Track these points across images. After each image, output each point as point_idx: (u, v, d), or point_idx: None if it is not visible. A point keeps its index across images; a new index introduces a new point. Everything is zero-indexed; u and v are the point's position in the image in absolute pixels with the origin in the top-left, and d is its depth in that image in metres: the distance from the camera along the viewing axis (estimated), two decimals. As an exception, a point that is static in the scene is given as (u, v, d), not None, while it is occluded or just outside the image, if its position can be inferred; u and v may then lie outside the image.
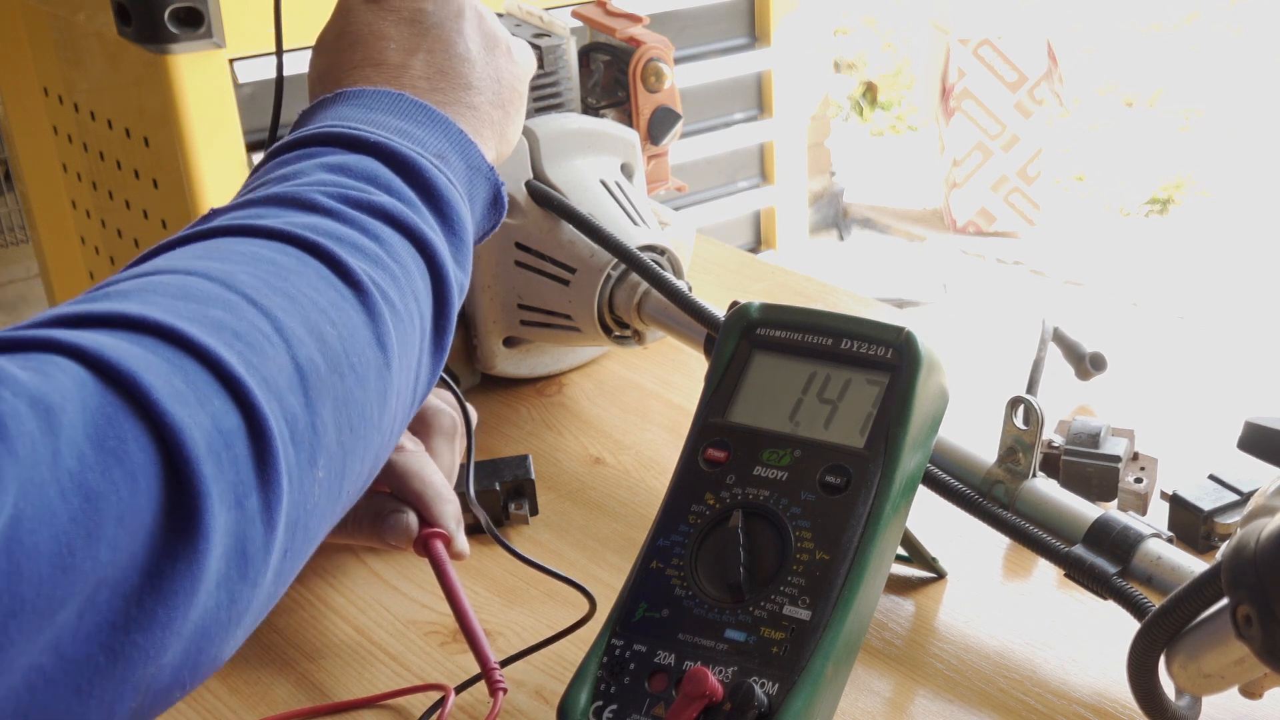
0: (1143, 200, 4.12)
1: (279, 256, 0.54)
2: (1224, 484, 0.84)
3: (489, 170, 0.68)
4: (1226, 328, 3.39)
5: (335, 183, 0.59)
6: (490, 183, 0.68)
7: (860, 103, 4.98)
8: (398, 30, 0.71)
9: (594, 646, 0.67)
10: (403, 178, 0.61)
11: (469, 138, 0.67)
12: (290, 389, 0.50)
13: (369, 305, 0.55)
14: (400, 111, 0.66)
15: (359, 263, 0.56)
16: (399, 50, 0.70)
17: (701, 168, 2.64)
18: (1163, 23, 5.33)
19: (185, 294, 0.50)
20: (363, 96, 0.66)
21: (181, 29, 1.85)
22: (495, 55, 0.73)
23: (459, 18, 0.72)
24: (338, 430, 0.52)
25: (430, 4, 0.72)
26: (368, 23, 0.71)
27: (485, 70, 0.72)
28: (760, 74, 2.66)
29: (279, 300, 0.52)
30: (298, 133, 0.64)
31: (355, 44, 0.71)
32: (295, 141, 0.63)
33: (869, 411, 0.70)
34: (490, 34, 0.74)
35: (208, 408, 0.46)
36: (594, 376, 1.09)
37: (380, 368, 0.55)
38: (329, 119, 0.65)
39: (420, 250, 0.60)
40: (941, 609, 0.81)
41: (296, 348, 0.51)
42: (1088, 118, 4.72)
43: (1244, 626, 0.56)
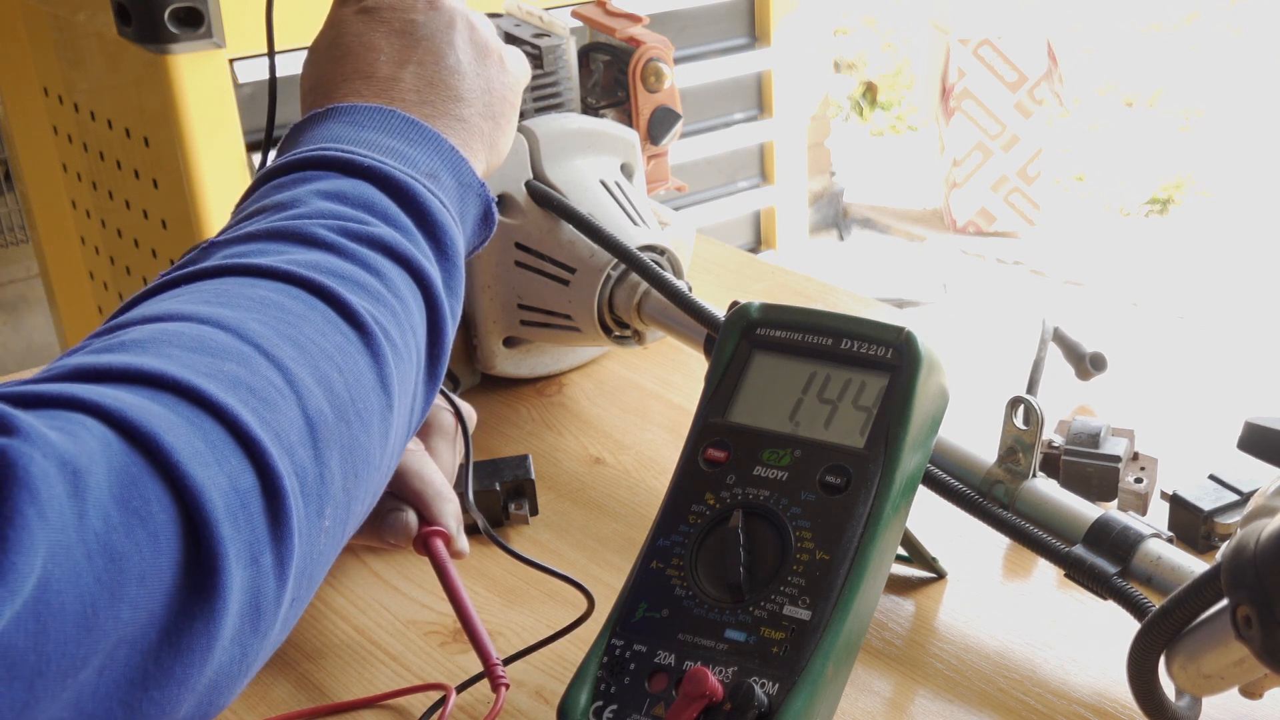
0: (1143, 200, 4.12)
1: (287, 300, 0.54)
2: (1224, 484, 0.84)
3: (480, 186, 0.68)
4: (1226, 328, 3.39)
5: (334, 213, 0.59)
6: (481, 199, 0.68)
7: (860, 103, 4.98)
8: (388, 42, 0.71)
9: (594, 646, 0.67)
10: (398, 204, 0.61)
11: (460, 154, 0.67)
12: (301, 442, 0.51)
13: (373, 347, 0.56)
14: (392, 129, 0.65)
15: (362, 302, 0.56)
16: (389, 62, 0.70)
17: (701, 168, 2.63)
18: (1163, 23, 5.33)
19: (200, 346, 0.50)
20: (354, 113, 0.66)
21: (181, 29, 1.85)
22: (486, 65, 0.73)
23: (450, 29, 0.72)
24: (344, 478, 0.53)
25: (421, 15, 0.72)
26: (358, 34, 0.71)
27: (476, 82, 0.71)
28: (760, 74, 2.66)
29: (289, 350, 0.52)
30: (292, 154, 0.64)
31: (346, 55, 0.70)
32: (290, 164, 0.63)
33: (869, 411, 0.70)
34: (482, 44, 0.73)
35: (225, 467, 0.47)
36: (594, 376, 1.09)
37: (383, 410, 0.56)
38: (321, 138, 0.64)
39: (417, 282, 0.60)
40: (941, 609, 0.81)
41: (306, 399, 0.51)
42: (1088, 118, 4.72)
43: (1244, 627, 0.56)
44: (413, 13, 0.72)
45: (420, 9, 0.72)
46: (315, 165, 0.62)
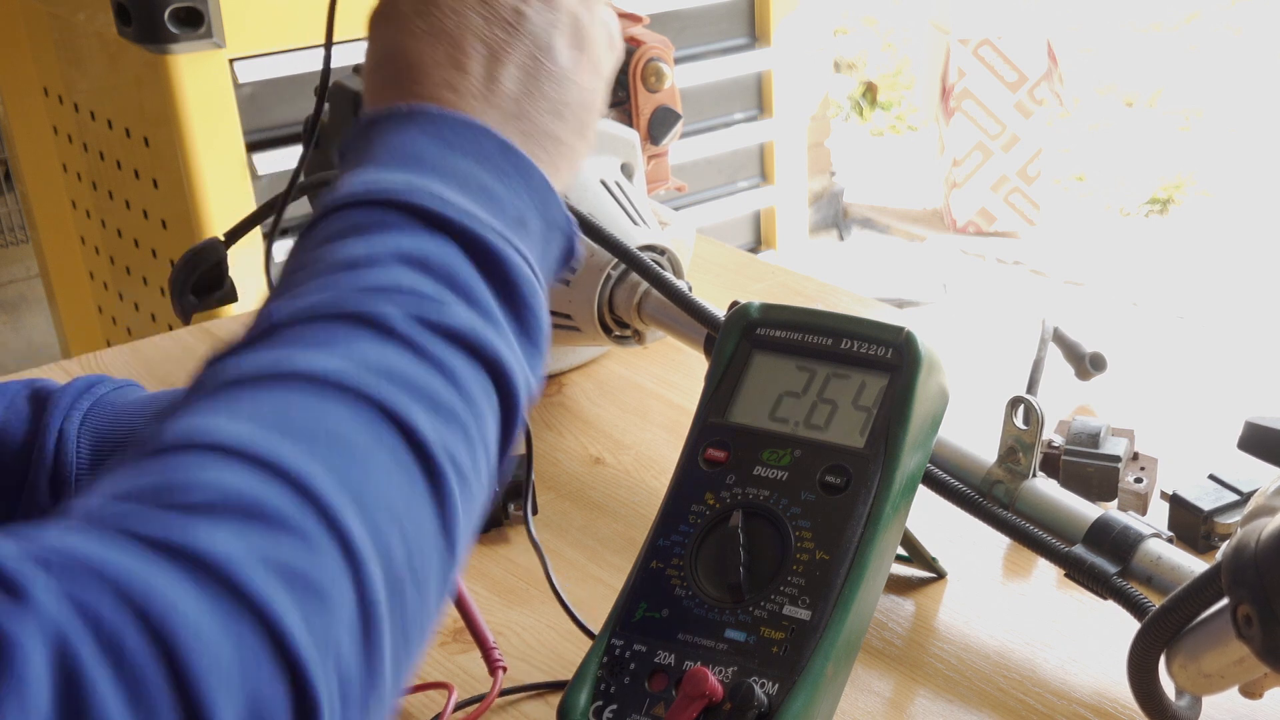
0: (1143, 200, 4.12)
1: (353, 431, 0.48)
2: (1224, 484, 0.84)
3: (566, 223, 0.61)
4: (1226, 328, 3.39)
5: (412, 288, 0.52)
6: (565, 236, 0.61)
7: (860, 103, 4.98)
8: (490, 32, 0.62)
9: (594, 646, 0.67)
10: (484, 274, 0.55)
11: (549, 187, 0.60)
12: (350, 640, 0.45)
13: (441, 490, 0.50)
14: (483, 157, 0.58)
15: (433, 424, 0.50)
16: (487, 58, 0.62)
17: (701, 168, 2.64)
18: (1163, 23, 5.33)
19: (257, 510, 0.44)
20: (444, 126, 0.59)
21: (181, 29, 1.85)
22: (583, 70, 0.65)
23: (555, 27, 0.64)
24: (393, 659, 0.47)
25: (532, 8, 0.63)
26: (456, 11, 0.62)
27: (575, 93, 0.64)
28: (760, 74, 2.66)
29: (352, 510, 0.46)
30: (377, 184, 0.56)
31: (440, 35, 0.62)
32: (374, 200, 0.55)
33: (869, 411, 0.70)
34: (584, 42, 0.65)
35: (250, 682, 0.41)
36: (594, 376, 1.09)
37: (443, 564, 0.50)
38: (406, 156, 0.57)
39: (495, 379, 0.54)
40: (941, 609, 0.81)
41: (366, 582, 0.45)
42: (1088, 118, 4.72)
43: (1244, 626, 0.56)
44: (523, 2, 0.63)
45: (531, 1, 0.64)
46: (402, 208, 0.55)
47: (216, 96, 1.91)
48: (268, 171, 1.96)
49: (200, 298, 0.91)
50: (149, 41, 1.87)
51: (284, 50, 1.93)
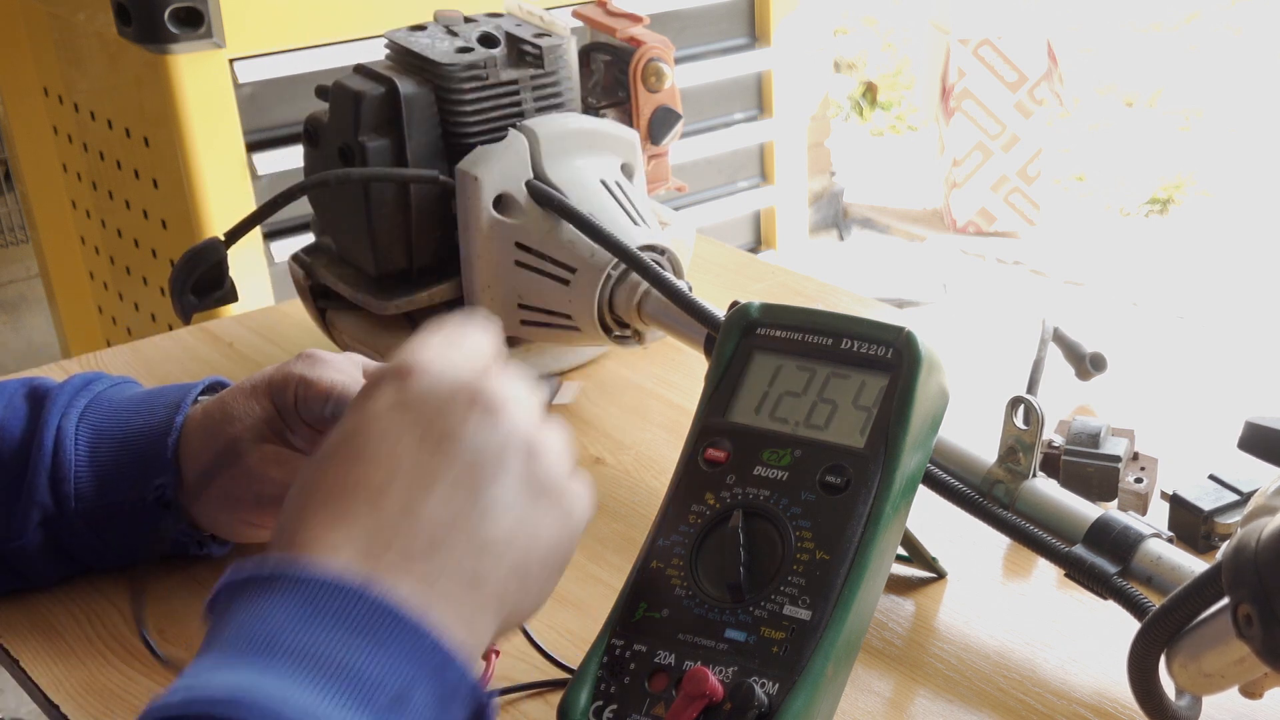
0: (1143, 200, 4.12)
1: None
2: (1224, 484, 0.84)
3: (469, 690, 0.51)
4: (1226, 328, 3.39)
5: None
6: (470, 704, 0.51)
7: (860, 103, 4.98)
8: (414, 456, 0.55)
9: (594, 646, 0.67)
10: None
11: (444, 651, 0.50)
12: None
13: None
14: (354, 624, 0.49)
15: None
16: (405, 486, 0.54)
17: (701, 168, 2.64)
18: (1163, 23, 5.33)
19: None
20: (310, 590, 0.50)
21: (181, 29, 1.85)
22: (540, 509, 0.57)
23: (501, 456, 0.56)
24: None
25: (470, 428, 0.55)
26: (383, 433, 0.55)
27: (516, 529, 0.55)
28: (760, 74, 2.66)
29: None
30: (194, 692, 0.47)
31: (355, 459, 0.55)
32: (188, 713, 0.46)
33: (869, 411, 0.70)
34: (541, 482, 0.57)
35: None
36: (594, 376, 1.09)
37: None
38: (250, 641, 0.49)
39: None
40: (941, 609, 0.81)
41: None
42: (1088, 118, 4.72)
43: (1244, 626, 0.56)
44: (462, 421, 0.55)
45: (474, 418, 0.56)
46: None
47: (216, 96, 1.91)
48: (268, 171, 1.96)
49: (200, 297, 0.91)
50: (149, 41, 1.87)
51: (284, 50, 1.93)
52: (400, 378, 0.57)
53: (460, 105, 0.99)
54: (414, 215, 1.00)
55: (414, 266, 1.02)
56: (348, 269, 1.04)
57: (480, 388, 0.57)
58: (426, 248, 1.01)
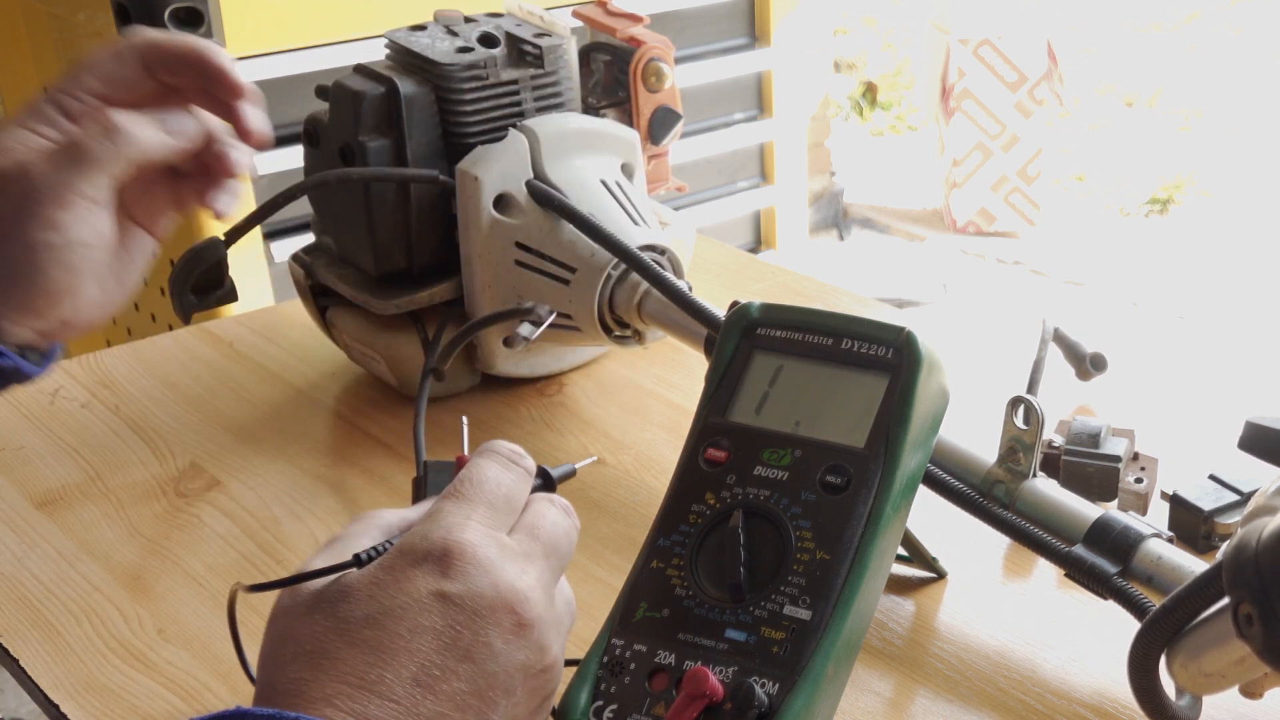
0: (1143, 200, 4.12)
1: None
2: (1224, 484, 0.84)
3: None
4: (1226, 328, 3.39)
5: None
6: None
7: (860, 103, 4.98)
8: (441, 660, 0.54)
9: (594, 646, 0.67)
10: None
11: None
12: None
13: None
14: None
15: None
16: (426, 690, 0.53)
17: (701, 168, 2.64)
18: (1163, 23, 5.33)
19: None
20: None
21: (181, 29, 1.85)
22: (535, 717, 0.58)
23: (519, 671, 0.56)
24: None
25: (501, 641, 0.55)
26: (415, 630, 0.54)
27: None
28: (760, 74, 2.66)
29: None
30: None
31: (383, 651, 0.53)
32: None
33: (869, 411, 0.69)
34: (538, 692, 0.58)
35: None
36: (594, 376, 1.09)
37: None
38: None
39: None
40: (941, 609, 0.81)
41: None
42: (1088, 118, 4.72)
43: (1245, 625, 0.56)
44: (494, 633, 0.55)
45: (506, 631, 0.55)
46: None
47: (216, 96, 1.91)
48: (267, 171, 1.96)
49: (200, 297, 0.91)
50: (149, 41, 1.87)
51: (284, 50, 1.93)
52: (442, 563, 0.55)
53: (460, 105, 0.99)
54: (414, 215, 1.00)
55: (414, 266, 1.02)
56: (348, 269, 1.04)
57: (520, 600, 0.56)
58: (426, 247, 1.01)
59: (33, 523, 0.93)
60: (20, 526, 0.92)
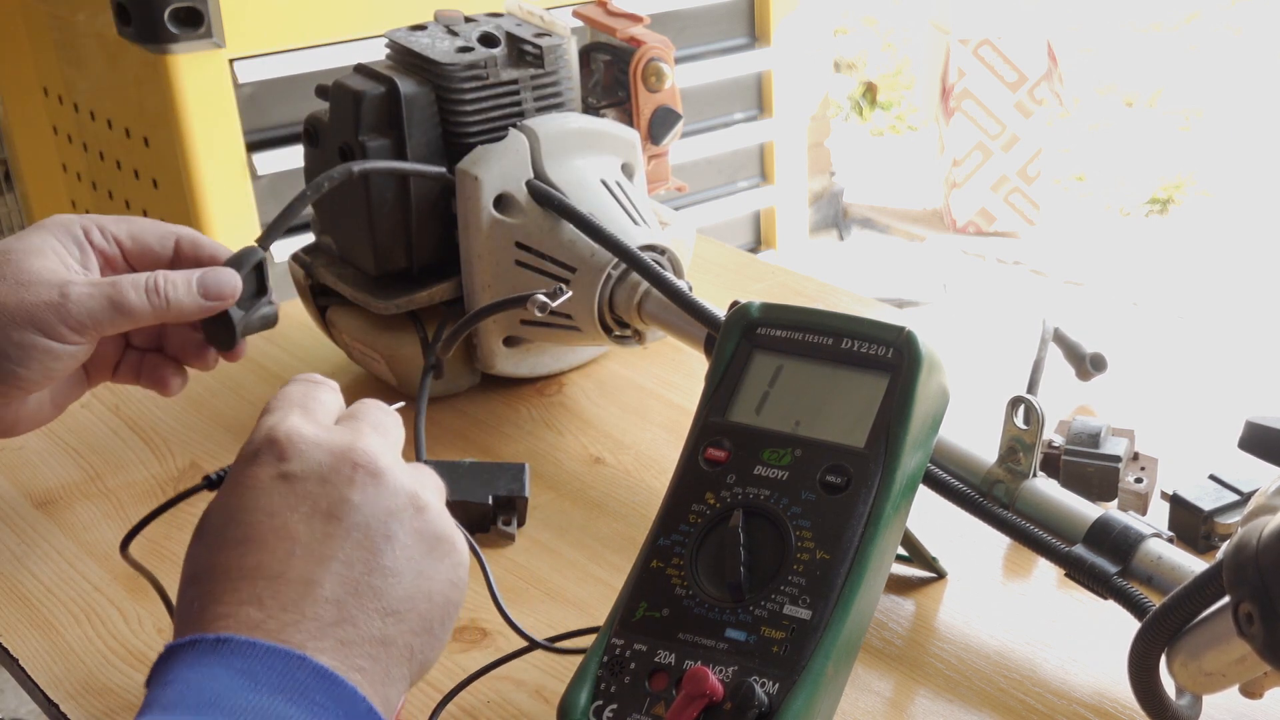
0: (1143, 200, 4.12)
1: None
2: (1224, 484, 0.84)
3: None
4: (1226, 328, 3.39)
5: None
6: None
7: (860, 103, 4.98)
8: (309, 528, 0.56)
9: (594, 646, 0.67)
10: None
11: (372, 711, 0.53)
12: None
13: None
14: (292, 690, 0.51)
15: None
16: (306, 558, 0.55)
17: (701, 168, 2.64)
18: (1163, 23, 5.33)
19: None
20: (248, 657, 0.52)
21: (181, 29, 1.86)
22: (432, 560, 0.58)
23: (392, 515, 0.57)
24: None
25: (357, 494, 0.57)
26: (271, 512, 0.56)
27: (415, 585, 0.57)
28: (760, 74, 2.66)
29: None
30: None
31: (250, 541, 0.56)
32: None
33: (869, 411, 0.70)
34: (431, 534, 0.59)
35: None
36: (594, 376, 1.09)
37: None
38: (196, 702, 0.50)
39: None
40: (941, 609, 0.81)
41: None
42: (1088, 118, 4.71)
43: (1245, 624, 0.56)
44: (348, 489, 0.57)
45: (358, 484, 0.57)
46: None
47: (216, 96, 1.91)
48: (267, 171, 1.96)
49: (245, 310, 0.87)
50: (149, 41, 1.87)
51: (284, 50, 1.93)
52: (274, 450, 0.58)
53: (460, 105, 0.99)
54: (414, 215, 1.00)
55: (414, 266, 1.02)
56: (348, 269, 1.04)
57: (358, 452, 0.58)
58: (426, 247, 1.01)
59: (33, 523, 0.93)
60: (20, 526, 0.92)
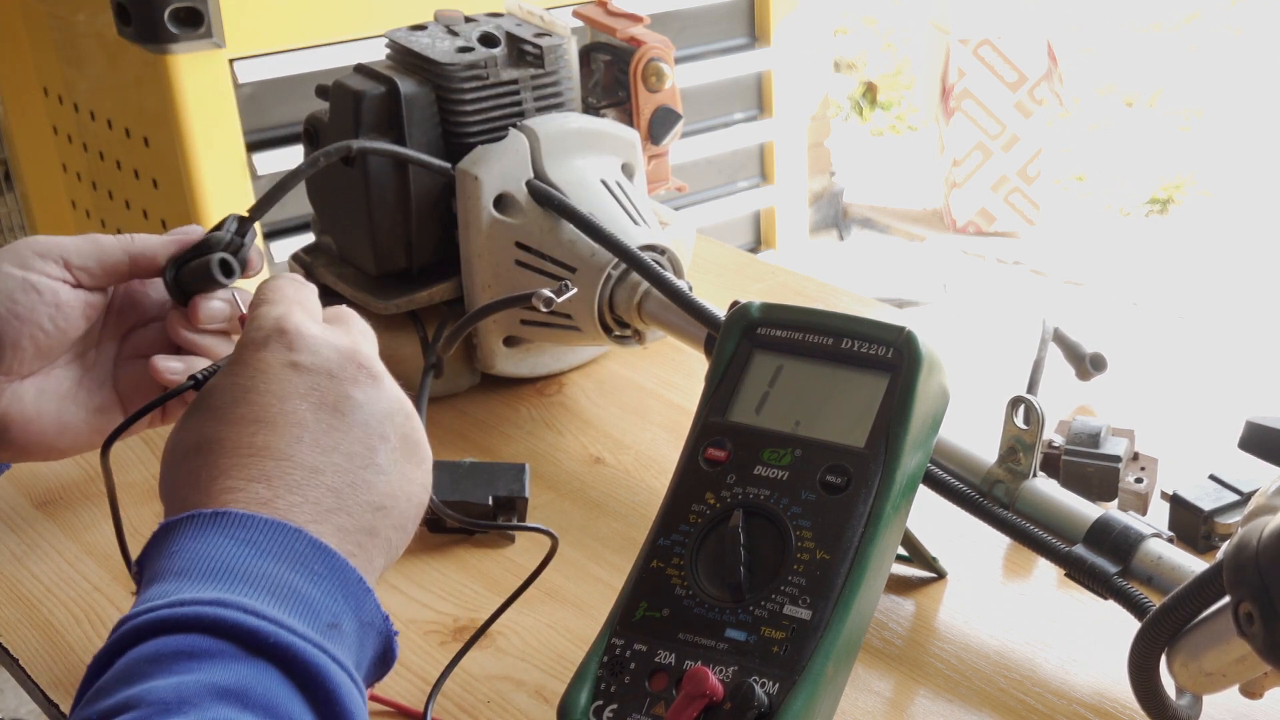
0: (1143, 200, 4.12)
1: None
2: (1224, 484, 0.84)
3: (381, 621, 0.57)
4: (1226, 328, 3.39)
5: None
6: (381, 636, 0.57)
7: (860, 103, 4.98)
8: (316, 418, 0.59)
9: (594, 646, 0.67)
10: (303, 693, 0.51)
11: (365, 585, 0.56)
12: None
13: None
14: (294, 559, 0.54)
15: None
16: (312, 446, 0.58)
17: (701, 168, 2.64)
18: (1163, 23, 5.33)
19: None
20: (250, 528, 0.54)
21: (181, 29, 1.85)
22: (412, 464, 0.62)
23: (388, 416, 0.61)
24: None
25: (360, 392, 0.61)
26: (282, 397, 0.59)
27: (399, 486, 0.61)
28: (760, 74, 2.66)
29: None
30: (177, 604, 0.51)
31: (260, 421, 0.58)
32: (176, 623, 0.51)
33: (869, 411, 0.70)
34: (414, 440, 0.62)
35: None
36: (594, 376, 1.09)
37: None
38: (210, 566, 0.53)
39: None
40: (941, 609, 0.81)
41: None
42: (1088, 118, 4.71)
43: (1245, 624, 0.56)
44: (353, 387, 0.60)
45: (362, 384, 0.61)
46: (209, 630, 0.51)
47: (216, 96, 1.91)
48: (267, 171, 1.96)
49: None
50: (149, 41, 1.87)
51: (284, 50, 1.93)
52: (284, 340, 0.61)
53: (460, 105, 0.99)
54: (414, 215, 1.00)
55: (414, 266, 1.02)
56: (348, 269, 1.04)
57: (361, 355, 0.62)
58: (426, 247, 1.01)
59: (33, 523, 0.93)
60: (20, 526, 0.92)
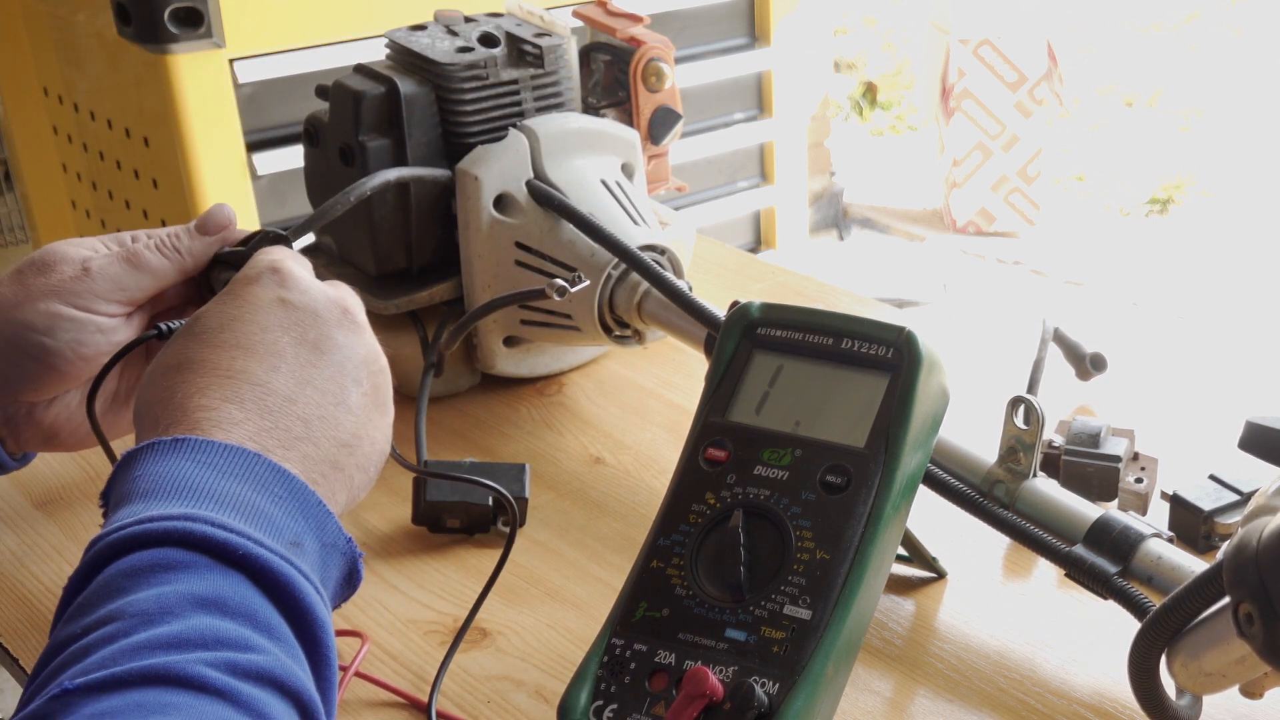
0: (1143, 200, 4.12)
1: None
2: (1224, 484, 0.84)
3: (345, 544, 0.60)
4: (1226, 328, 3.39)
5: (216, 637, 0.50)
6: (346, 558, 0.60)
7: (860, 103, 4.98)
8: (296, 352, 0.62)
9: (594, 646, 0.67)
10: (275, 603, 0.53)
11: (326, 510, 0.59)
12: None
13: None
14: (254, 480, 0.57)
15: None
16: (289, 378, 0.61)
17: (701, 168, 2.64)
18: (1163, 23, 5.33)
19: None
20: (210, 452, 0.57)
21: (181, 29, 1.85)
22: (378, 413, 0.65)
23: (361, 361, 0.65)
24: None
25: (341, 335, 0.64)
26: (266, 328, 0.62)
27: (365, 429, 0.64)
28: (760, 74, 2.66)
29: None
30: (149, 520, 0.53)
31: (243, 347, 0.62)
32: (150, 537, 0.53)
33: (869, 411, 0.70)
34: (383, 393, 0.66)
35: None
36: (594, 376, 1.09)
37: None
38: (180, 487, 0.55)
39: (302, 713, 0.53)
40: (941, 609, 0.81)
41: None
42: (1088, 118, 4.71)
43: (1245, 624, 0.56)
44: (336, 329, 0.64)
45: (345, 327, 0.65)
46: (181, 543, 0.53)
47: (216, 96, 1.91)
48: (267, 171, 1.96)
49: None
50: (149, 41, 1.87)
51: (284, 50, 1.93)
52: (276, 278, 0.65)
53: (460, 105, 0.99)
54: (414, 215, 1.00)
55: (414, 266, 1.02)
56: (348, 269, 1.04)
57: (348, 302, 0.66)
58: (426, 247, 1.01)
59: (33, 523, 0.93)
60: (20, 526, 0.92)
